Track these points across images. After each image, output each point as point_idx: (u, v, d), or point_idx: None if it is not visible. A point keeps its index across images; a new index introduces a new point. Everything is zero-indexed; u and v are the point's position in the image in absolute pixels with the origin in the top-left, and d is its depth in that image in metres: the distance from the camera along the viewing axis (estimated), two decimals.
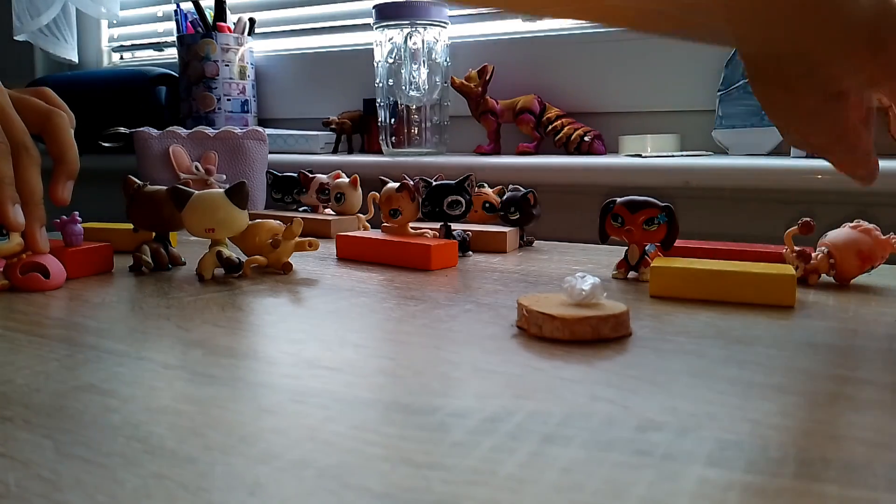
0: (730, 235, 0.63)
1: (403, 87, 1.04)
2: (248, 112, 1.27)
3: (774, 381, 0.29)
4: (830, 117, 0.37)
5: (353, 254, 0.60)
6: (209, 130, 0.96)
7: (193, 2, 1.23)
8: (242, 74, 1.25)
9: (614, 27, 0.33)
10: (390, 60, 1.04)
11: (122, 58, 1.59)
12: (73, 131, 0.53)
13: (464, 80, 1.03)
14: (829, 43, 0.34)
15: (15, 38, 1.43)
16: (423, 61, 1.03)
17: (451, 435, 0.24)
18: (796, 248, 0.49)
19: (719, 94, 0.90)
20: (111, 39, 1.60)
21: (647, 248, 0.51)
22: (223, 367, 0.31)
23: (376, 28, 1.04)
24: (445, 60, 1.04)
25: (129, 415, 0.26)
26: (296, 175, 0.77)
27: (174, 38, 1.28)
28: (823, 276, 0.48)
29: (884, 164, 0.66)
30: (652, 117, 1.01)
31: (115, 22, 1.56)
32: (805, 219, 0.47)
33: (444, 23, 1.03)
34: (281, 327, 0.39)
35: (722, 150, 0.92)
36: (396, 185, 0.58)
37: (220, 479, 0.21)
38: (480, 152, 1.05)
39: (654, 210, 0.49)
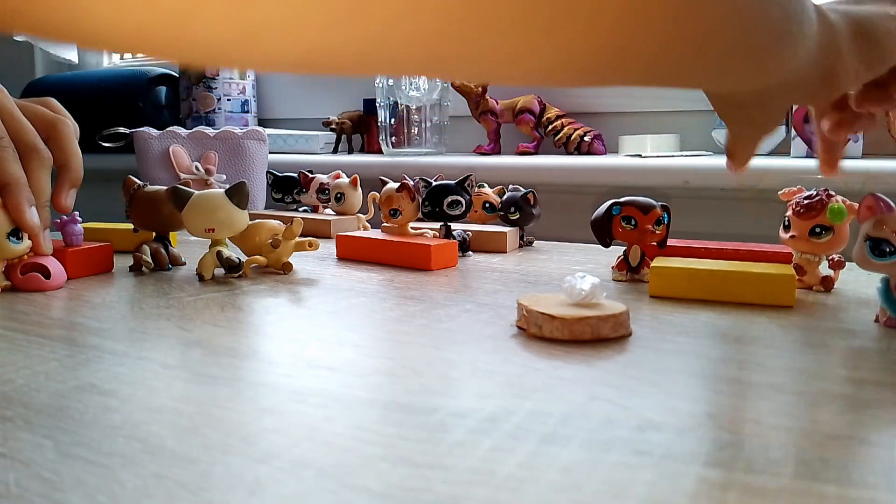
0: (730, 235, 0.63)
1: (403, 87, 1.04)
2: (248, 112, 1.27)
3: (774, 381, 0.29)
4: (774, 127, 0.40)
5: (353, 254, 0.60)
6: (209, 130, 0.96)
7: None
8: (242, 74, 1.25)
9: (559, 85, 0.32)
10: None
11: (122, 58, 1.59)
12: (77, 141, 0.53)
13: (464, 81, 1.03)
14: (785, 83, 0.36)
15: (15, 38, 1.43)
16: None
17: (451, 435, 0.24)
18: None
19: None
20: None
21: None
22: (223, 367, 0.31)
23: None
24: None
25: (130, 415, 0.26)
26: (296, 175, 0.77)
27: None
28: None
29: (884, 164, 0.65)
30: (652, 117, 1.01)
31: None
32: None
33: None
34: (281, 327, 0.39)
35: (722, 150, 0.92)
36: (396, 185, 0.58)
37: (220, 479, 0.21)
38: (480, 152, 1.05)
39: (659, 210, 0.49)
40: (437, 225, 0.60)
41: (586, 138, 0.98)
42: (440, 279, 0.51)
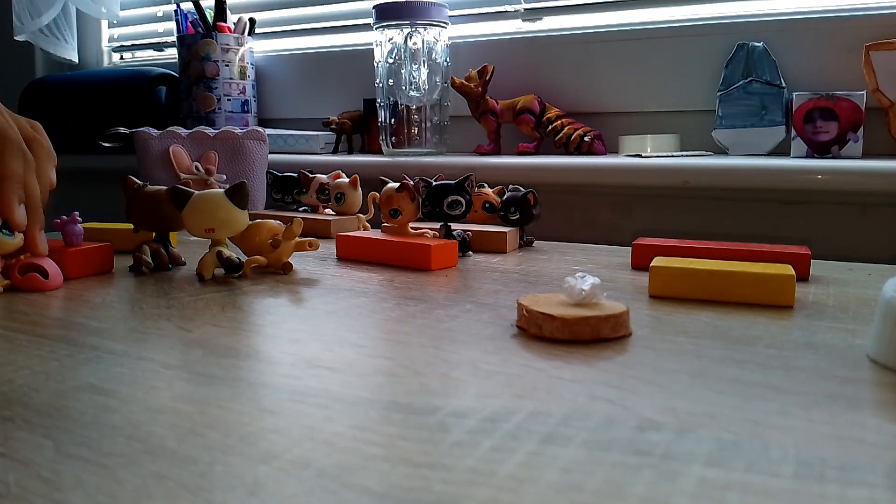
0: (730, 235, 0.63)
1: (403, 88, 1.04)
2: (248, 112, 1.27)
3: (774, 381, 0.29)
4: None
5: (353, 254, 0.60)
6: (209, 130, 0.96)
7: (193, 2, 1.23)
8: (242, 74, 1.25)
9: None
10: (390, 60, 1.04)
11: (122, 58, 1.59)
12: (54, 171, 0.52)
13: (464, 80, 1.03)
14: None
15: (15, 38, 1.43)
16: (423, 61, 1.03)
17: (451, 435, 0.24)
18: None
19: (719, 94, 0.90)
20: (111, 39, 1.60)
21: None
22: (223, 367, 0.31)
23: (376, 28, 1.04)
24: (445, 60, 1.04)
25: (130, 415, 0.26)
26: (296, 175, 0.77)
27: (174, 38, 1.28)
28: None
29: (883, 163, 0.65)
30: (652, 117, 1.01)
31: (115, 22, 1.56)
32: None
33: (444, 23, 1.03)
34: (281, 327, 0.39)
35: (722, 150, 0.92)
36: (396, 185, 0.58)
37: (220, 479, 0.21)
38: (480, 152, 1.05)
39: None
40: (437, 225, 0.60)
41: (586, 138, 0.98)
42: (440, 279, 0.51)
